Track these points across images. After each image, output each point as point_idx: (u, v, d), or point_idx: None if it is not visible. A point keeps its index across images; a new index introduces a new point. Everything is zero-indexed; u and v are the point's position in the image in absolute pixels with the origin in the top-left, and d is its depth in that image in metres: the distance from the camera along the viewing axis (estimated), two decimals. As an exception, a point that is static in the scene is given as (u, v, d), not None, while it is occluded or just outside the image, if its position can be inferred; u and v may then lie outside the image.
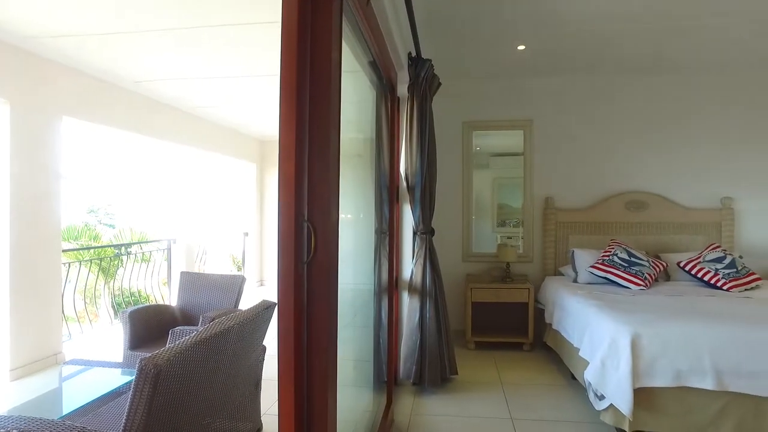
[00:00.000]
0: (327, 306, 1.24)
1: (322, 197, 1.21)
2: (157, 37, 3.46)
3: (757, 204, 4.73)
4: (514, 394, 3.39)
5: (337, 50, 1.29)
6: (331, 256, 1.24)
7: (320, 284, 1.22)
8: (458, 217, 4.98)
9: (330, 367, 1.26)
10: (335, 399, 1.32)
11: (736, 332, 2.57)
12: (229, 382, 2.00)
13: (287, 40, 1.16)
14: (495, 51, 4.16)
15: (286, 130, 1.15)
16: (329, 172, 1.24)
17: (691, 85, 4.77)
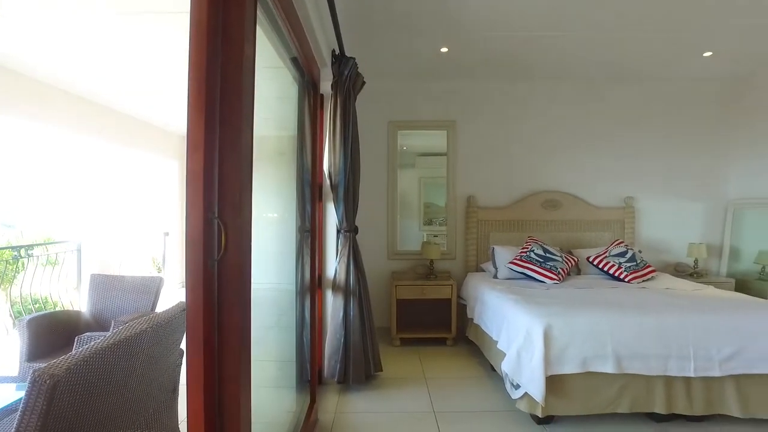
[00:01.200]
0: (239, 305, 1.20)
1: (233, 194, 1.17)
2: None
3: (654, 203, 5.19)
4: (437, 387, 3.48)
5: (250, 44, 1.26)
6: (243, 255, 1.21)
7: (232, 283, 1.18)
8: (383, 215, 5.04)
9: (243, 368, 1.22)
10: (249, 401, 1.29)
11: (633, 320, 2.80)
12: (143, 390, 1.89)
13: (197, 31, 1.11)
14: (419, 52, 4.24)
15: (194, 124, 1.11)
16: (241, 168, 1.21)
17: (598, 94, 5.14)
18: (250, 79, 1.27)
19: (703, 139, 5.24)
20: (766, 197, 4.78)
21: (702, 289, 3.81)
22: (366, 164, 4.86)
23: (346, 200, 3.35)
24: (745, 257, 5.00)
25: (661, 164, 5.20)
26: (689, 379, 2.77)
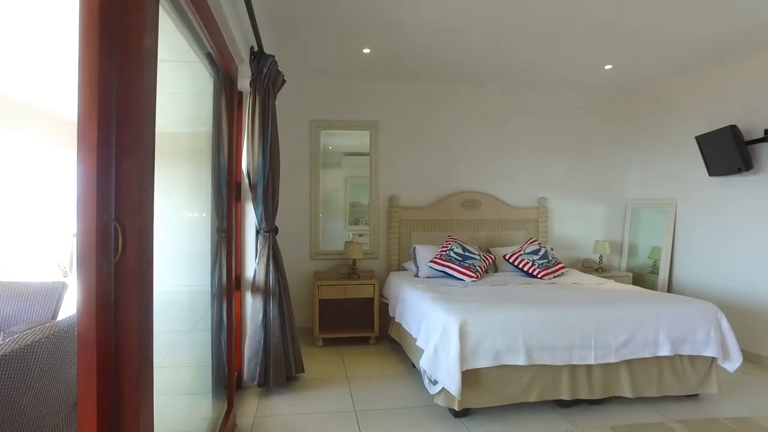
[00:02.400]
0: (140, 310, 1.15)
1: (131, 193, 1.11)
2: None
3: (565, 203, 5.55)
4: (359, 387, 3.50)
5: (151, 36, 1.20)
6: (144, 257, 1.15)
7: (131, 287, 1.12)
8: (306, 215, 4.99)
9: (144, 377, 1.16)
10: (151, 412, 1.23)
11: (542, 314, 2.98)
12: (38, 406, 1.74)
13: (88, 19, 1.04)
14: (341, 52, 4.25)
15: (86, 118, 1.04)
16: (142, 167, 1.15)
17: (514, 99, 5.41)
18: (152, 73, 1.21)
19: (607, 145, 5.68)
20: (657, 198, 5.25)
21: (604, 283, 4.12)
22: (287, 164, 4.79)
23: (265, 200, 3.29)
24: (641, 252, 5.48)
25: (571, 167, 5.57)
26: (590, 367, 2.99)
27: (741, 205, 4.27)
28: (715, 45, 3.98)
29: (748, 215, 4.20)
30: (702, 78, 4.68)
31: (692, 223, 4.80)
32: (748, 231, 4.20)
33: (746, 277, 4.20)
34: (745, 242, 4.22)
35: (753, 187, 4.16)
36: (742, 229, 4.26)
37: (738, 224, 4.29)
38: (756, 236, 4.12)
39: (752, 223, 4.16)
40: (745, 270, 4.21)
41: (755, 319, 4.08)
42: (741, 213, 4.27)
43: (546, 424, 2.88)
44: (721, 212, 4.47)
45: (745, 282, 4.20)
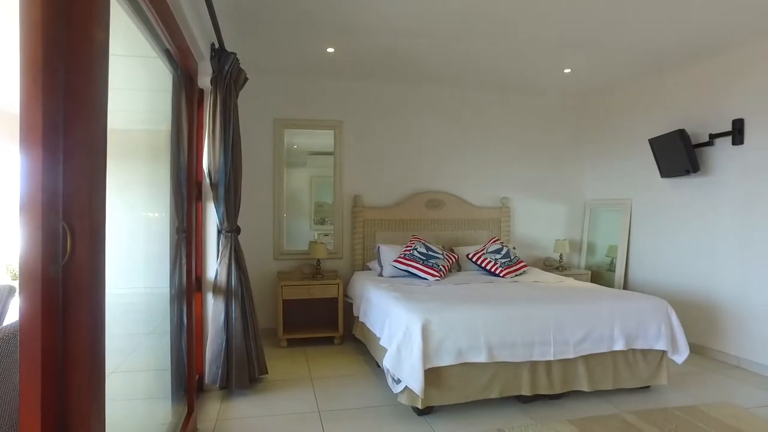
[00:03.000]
0: (90, 313, 1.11)
1: (81, 192, 1.08)
2: None
3: (527, 203, 5.67)
4: (323, 387, 3.49)
5: (101, 28, 1.16)
6: (94, 260, 1.12)
7: (80, 291, 1.08)
8: (269, 214, 4.93)
9: (94, 384, 1.13)
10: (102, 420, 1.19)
11: (503, 312, 3.04)
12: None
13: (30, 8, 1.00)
14: (305, 51, 4.21)
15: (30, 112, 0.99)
16: (93, 165, 1.11)
17: (478, 100, 5.49)
18: (101, 65, 1.17)
19: (567, 146, 5.84)
20: (614, 198, 5.44)
21: (563, 281, 4.24)
22: (250, 163, 4.73)
23: (227, 199, 3.23)
24: (599, 251, 5.65)
25: (532, 168, 5.70)
26: (550, 362, 3.07)
27: (689, 205, 4.47)
28: (665, 53, 4.15)
29: (696, 215, 4.39)
30: (654, 84, 4.87)
31: (646, 222, 4.99)
32: (695, 229, 4.40)
33: (694, 273, 4.39)
34: (693, 240, 4.42)
35: (700, 188, 4.36)
36: (690, 228, 4.46)
37: (686, 223, 4.49)
38: (703, 234, 4.32)
39: (699, 222, 4.35)
40: (693, 266, 4.41)
41: (702, 313, 4.28)
42: (689, 212, 4.47)
43: (507, 419, 2.94)
44: (672, 212, 4.66)
45: (693, 278, 4.40)
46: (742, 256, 3.97)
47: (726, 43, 3.91)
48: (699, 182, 4.37)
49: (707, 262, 4.28)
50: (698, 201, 4.38)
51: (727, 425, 2.82)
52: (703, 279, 4.31)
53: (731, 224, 4.07)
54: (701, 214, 4.35)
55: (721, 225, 4.15)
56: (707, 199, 4.29)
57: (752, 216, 3.90)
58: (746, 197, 3.95)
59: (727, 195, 4.11)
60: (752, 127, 3.91)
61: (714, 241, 4.22)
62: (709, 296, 4.24)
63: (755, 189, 3.88)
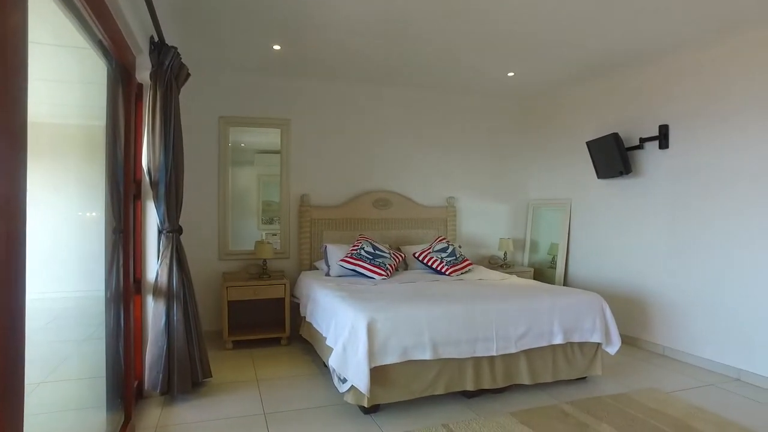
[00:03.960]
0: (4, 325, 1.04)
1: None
2: None
3: (472, 202, 5.81)
4: (269, 389, 3.44)
5: (17, 14, 1.09)
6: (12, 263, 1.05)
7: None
8: (214, 214, 4.81)
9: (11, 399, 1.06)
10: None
11: (447, 309, 3.10)
12: None
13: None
14: (250, 48, 4.13)
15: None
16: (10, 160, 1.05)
17: (425, 101, 5.57)
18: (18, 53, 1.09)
19: (511, 147, 6.02)
20: (555, 198, 5.66)
21: (507, 279, 4.37)
22: (194, 161, 4.61)
23: (168, 199, 3.12)
24: (541, 249, 5.87)
25: (478, 168, 5.85)
26: (493, 358, 3.16)
27: (622, 205, 4.72)
28: (600, 62, 4.37)
29: (628, 214, 4.65)
30: (591, 89, 5.11)
31: (584, 221, 5.23)
32: (628, 228, 4.65)
33: (627, 269, 4.65)
34: (626, 238, 4.68)
35: (632, 188, 4.62)
36: (623, 227, 4.71)
37: (620, 222, 4.75)
38: (635, 233, 4.58)
39: (631, 221, 4.61)
40: (626, 263, 4.66)
41: (633, 306, 4.54)
42: (623, 212, 4.72)
43: (452, 414, 3.01)
44: (607, 211, 4.91)
45: (626, 274, 4.66)
46: (669, 253, 4.24)
47: (653, 54, 4.16)
48: (631, 183, 4.62)
49: (638, 258, 4.54)
50: (631, 201, 4.64)
51: (652, 409, 3.02)
52: (634, 274, 4.57)
53: (659, 223, 4.33)
54: (633, 213, 4.61)
55: (651, 224, 4.42)
56: (638, 199, 4.55)
57: (677, 215, 4.17)
58: (672, 198, 4.22)
59: (656, 195, 4.37)
60: (676, 133, 4.18)
61: (644, 239, 4.48)
62: (640, 291, 4.50)
63: (679, 190, 4.15)
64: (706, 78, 3.95)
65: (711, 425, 2.83)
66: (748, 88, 3.63)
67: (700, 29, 3.61)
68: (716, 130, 3.86)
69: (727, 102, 3.78)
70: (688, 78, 4.08)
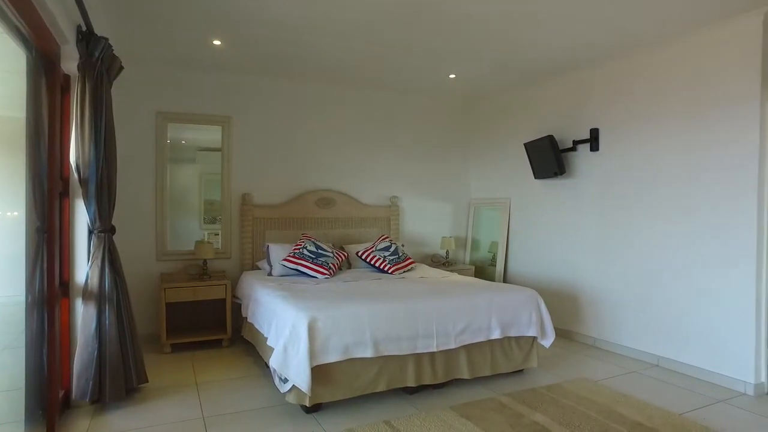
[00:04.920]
0: None
1: None
2: None
3: (415, 202, 5.90)
4: (209, 392, 3.36)
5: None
6: None
7: None
8: (152, 213, 4.62)
9: None
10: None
11: (388, 307, 3.14)
12: None
13: None
14: (189, 42, 4.01)
15: None
16: None
17: (368, 100, 5.60)
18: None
19: (453, 147, 6.16)
20: (495, 197, 5.85)
21: (448, 276, 4.47)
22: (130, 158, 4.45)
23: (99, 197, 2.98)
24: (482, 247, 6.04)
25: (420, 168, 5.94)
26: (433, 354, 3.23)
27: (558, 204, 4.95)
28: (536, 66, 4.56)
29: (563, 213, 4.88)
30: (530, 92, 5.32)
31: (522, 220, 5.44)
32: (563, 226, 4.88)
33: (561, 265, 4.88)
34: (561, 236, 4.90)
35: (566, 188, 4.84)
36: (558, 225, 4.94)
37: (556, 220, 4.97)
38: (569, 231, 4.81)
39: (566, 220, 4.84)
40: (561, 260, 4.89)
41: (567, 301, 4.77)
42: (558, 211, 4.95)
43: (394, 410, 3.05)
44: (544, 211, 5.13)
45: (561, 270, 4.88)
46: (599, 250, 4.48)
47: (586, 61, 4.39)
48: (565, 183, 4.85)
49: (572, 255, 4.77)
50: (565, 201, 4.86)
51: (582, 397, 3.20)
52: (569, 271, 4.80)
53: (590, 222, 4.57)
54: (567, 212, 4.84)
55: (583, 222, 4.65)
56: (572, 199, 4.78)
57: (606, 214, 4.41)
58: (601, 198, 4.46)
59: (587, 196, 4.61)
60: (605, 136, 4.43)
61: (578, 237, 4.71)
62: (574, 286, 4.73)
63: (608, 191, 4.40)
64: (633, 85, 4.20)
65: (633, 409, 3.03)
66: (671, 95, 3.89)
67: (630, 39, 3.84)
68: (641, 134, 4.12)
69: (652, 108, 4.03)
70: (617, 84, 4.33)
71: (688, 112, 3.76)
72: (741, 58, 3.43)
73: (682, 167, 3.81)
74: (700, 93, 3.68)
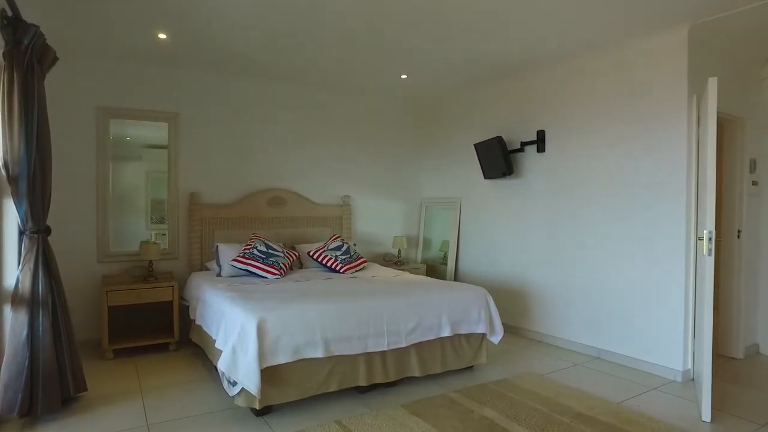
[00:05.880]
0: None
1: None
2: None
3: (367, 201, 5.91)
4: (154, 398, 3.24)
5: None
6: None
7: None
8: (92, 213, 4.41)
9: None
10: None
11: (339, 307, 3.13)
12: None
13: None
14: (132, 34, 3.84)
15: None
16: None
17: (320, 100, 5.57)
18: None
19: (405, 147, 6.22)
20: (446, 197, 5.94)
21: (400, 275, 4.49)
22: (67, 154, 4.25)
23: (31, 196, 2.81)
24: (434, 246, 6.12)
25: (373, 167, 5.96)
26: (384, 353, 3.25)
27: (506, 204, 5.08)
28: (485, 69, 4.66)
29: (512, 212, 5.01)
30: (479, 94, 5.43)
31: (472, 219, 5.54)
32: (511, 225, 5.01)
33: (510, 263, 5.01)
34: (509, 235, 5.03)
35: (515, 189, 4.98)
36: (507, 224, 5.07)
37: (505, 220, 5.10)
38: (517, 230, 4.94)
39: (514, 219, 4.98)
40: (510, 258, 5.02)
41: (516, 297, 4.91)
42: (507, 210, 5.07)
43: (345, 410, 3.04)
44: (493, 210, 5.25)
45: (510, 268, 5.01)
46: (545, 248, 4.63)
47: (534, 64, 4.53)
48: (514, 183, 4.98)
49: (520, 253, 4.90)
50: (513, 200, 5.00)
51: (528, 391, 3.30)
52: (517, 268, 4.93)
53: (537, 220, 4.72)
54: (516, 212, 4.97)
55: (531, 221, 4.79)
56: (520, 199, 4.92)
57: (552, 213, 4.57)
58: (547, 197, 4.61)
59: (534, 195, 4.75)
60: (551, 137, 4.58)
61: (525, 236, 4.85)
62: (522, 283, 4.87)
63: (554, 190, 4.55)
64: (575, 89, 4.36)
65: (575, 400, 3.16)
66: (610, 100, 4.07)
67: (572, 46, 4.00)
68: (584, 136, 4.28)
69: (593, 111, 4.20)
70: (562, 88, 4.48)
71: (625, 115, 3.95)
72: (670, 67, 3.65)
73: (619, 168, 3.99)
74: (635, 98, 3.87)
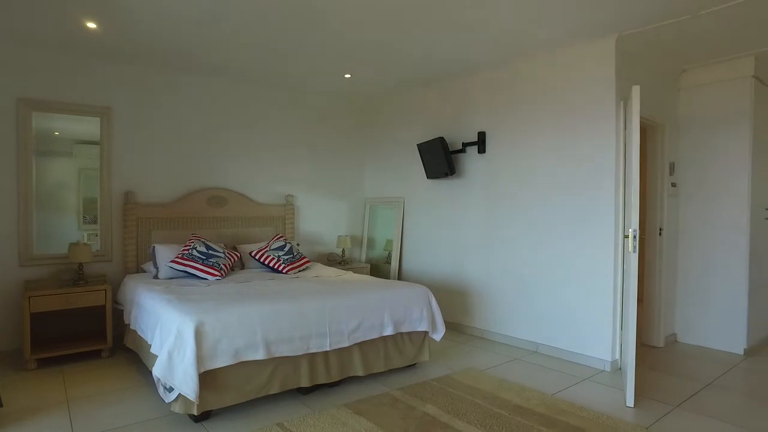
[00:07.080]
0: None
1: None
2: None
3: (311, 200, 5.88)
4: (82, 409, 3.07)
5: None
6: None
7: None
8: (13, 213, 4.12)
9: None
10: None
11: (280, 307, 3.09)
12: None
13: None
14: (58, 22, 3.61)
15: None
16: None
17: (262, 98, 5.47)
18: None
19: (348, 147, 6.23)
20: (390, 196, 5.99)
21: (343, 275, 4.49)
22: (-17, 150, 3.92)
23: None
24: (378, 245, 6.17)
25: (316, 167, 5.93)
26: (327, 353, 3.24)
27: (448, 203, 5.20)
28: (428, 70, 4.75)
29: (453, 212, 5.13)
30: (421, 95, 5.52)
31: (415, 218, 5.63)
32: (453, 224, 5.14)
33: (452, 262, 5.13)
34: (451, 234, 5.15)
35: (456, 188, 5.10)
36: (449, 223, 5.18)
37: (446, 219, 5.21)
38: (458, 229, 5.07)
39: (456, 218, 5.10)
40: (451, 256, 5.14)
41: (458, 295, 5.03)
42: (448, 210, 5.19)
43: (287, 411, 3.01)
44: (436, 209, 5.36)
45: (451, 266, 5.13)
46: (485, 246, 4.78)
47: (474, 66, 4.66)
48: (455, 183, 5.10)
49: (461, 252, 5.03)
50: (455, 200, 5.12)
51: (469, 386, 3.39)
52: (459, 267, 5.06)
53: (478, 220, 4.86)
54: (457, 211, 5.10)
55: (471, 220, 4.93)
56: (461, 198, 5.04)
57: (490, 213, 4.72)
58: (487, 197, 4.76)
59: (475, 195, 4.89)
60: (491, 139, 4.73)
61: (467, 234, 4.98)
62: (464, 281, 5.00)
63: (493, 190, 4.71)
64: (513, 92, 4.53)
65: (513, 393, 3.29)
66: (545, 102, 4.26)
67: (510, 50, 4.15)
68: (521, 137, 4.46)
69: (529, 113, 4.39)
70: (500, 91, 4.64)
71: (559, 119, 4.15)
72: (600, 74, 3.88)
73: (554, 169, 4.19)
74: (569, 102, 4.08)
